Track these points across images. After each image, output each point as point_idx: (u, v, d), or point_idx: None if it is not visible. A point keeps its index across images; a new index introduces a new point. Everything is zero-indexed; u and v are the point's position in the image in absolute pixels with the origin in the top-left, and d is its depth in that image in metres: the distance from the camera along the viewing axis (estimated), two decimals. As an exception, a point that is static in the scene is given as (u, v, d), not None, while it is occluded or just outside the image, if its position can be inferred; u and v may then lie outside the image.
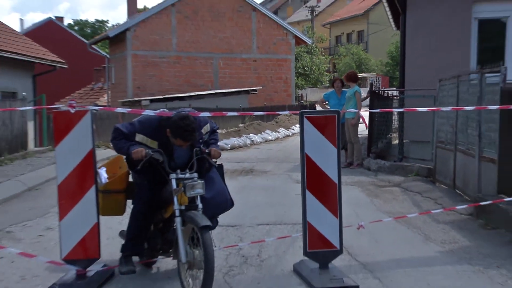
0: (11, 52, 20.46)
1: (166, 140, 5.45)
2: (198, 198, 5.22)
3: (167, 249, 5.73)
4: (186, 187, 5.12)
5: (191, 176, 5.29)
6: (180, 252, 5.08)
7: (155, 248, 5.76)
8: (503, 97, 8.16)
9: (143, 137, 5.51)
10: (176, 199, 5.23)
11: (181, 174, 5.30)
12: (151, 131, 5.52)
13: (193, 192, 5.14)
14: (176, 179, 5.28)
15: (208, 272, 4.75)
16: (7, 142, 14.45)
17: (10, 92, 21.21)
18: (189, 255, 5.08)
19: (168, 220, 5.63)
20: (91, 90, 42.97)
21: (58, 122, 5.55)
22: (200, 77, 33.15)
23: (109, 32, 36.94)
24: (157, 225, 5.79)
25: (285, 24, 36.19)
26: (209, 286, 4.76)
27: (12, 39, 22.47)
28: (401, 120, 14.03)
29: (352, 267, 6.11)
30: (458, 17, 13.17)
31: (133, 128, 5.58)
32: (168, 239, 5.62)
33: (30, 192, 11.05)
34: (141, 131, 5.54)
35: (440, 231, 7.69)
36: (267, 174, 13.00)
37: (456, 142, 10.06)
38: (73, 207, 5.52)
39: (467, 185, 9.49)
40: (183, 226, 5.15)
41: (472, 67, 12.49)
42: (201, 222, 4.91)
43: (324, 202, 5.73)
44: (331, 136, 5.75)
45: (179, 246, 5.09)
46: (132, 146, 5.43)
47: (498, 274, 5.93)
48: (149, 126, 5.55)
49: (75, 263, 5.56)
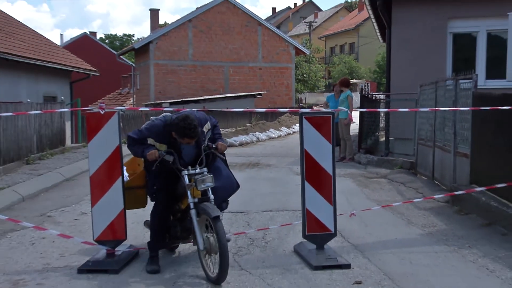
0: (52, 62, 20.61)
1: (173, 142, 5.36)
2: (209, 190, 5.15)
3: (186, 236, 5.63)
4: (197, 182, 5.06)
5: (201, 171, 5.21)
6: (198, 241, 5.02)
7: (175, 236, 5.66)
8: (474, 100, 8.15)
9: (152, 141, 5.41)
10: (189, 193, 5.15)
11: (191, 170, 5.21)
12: (159, 136, 5.40)
13: (203, 186, 5.08)
14: (188, 175, 5.20)
15: (223, 255, 4.71)
16: (48, 139, 14.48)
17: (51, 97, 21.31)
18: (205, 243, 5.01)
19: (185, 211, 5.52)
20: (119, 95, 43.04)
21: (90, 122, 5.56)
22: (213, 83, 33.15)
23: (134, 44, 36.98)
24: (175, 216, 5.69)
25: (286, 37, 36.13)
26: (225, 266, 4.73)
27: (53, 51, 22.58)
28: (387, 120, 14.01)
29: (345, 248, 6.09)
30: (436, 32, 13.23)
31: (142, 134, 5.45)
32: (187, 227, 5.52)
33: (67, 182, 11.07)
34: (149, 136, 5.42)
35: (421, 216, 7.67)
36: (271, 167, 12.98)
37: (435, 139, 10.02)
38: (103, 195, 5.53)
39: (444, 176, 9.47)
40: (198, 217, 5.09)
41: (448, 75, 12.45)
42: (213, 213, 4.85)
43: (320, 191, 5.71)
44: (327, 134, 5.73)
45: (196, 236, 5.04)
46: (147, 149, 5.33)
47: (470, 253, 5.91)
48: (156, 132, 5.42)
49: (105, 243, 5.57)
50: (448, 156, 9.13)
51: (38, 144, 13.71)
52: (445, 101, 9.47)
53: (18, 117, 12.31)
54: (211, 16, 32.95)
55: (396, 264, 5.56)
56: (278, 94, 34.60)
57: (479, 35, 13.32)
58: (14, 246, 6.31)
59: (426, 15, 13.36)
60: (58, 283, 5.01)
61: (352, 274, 5.23)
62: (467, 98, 8.44)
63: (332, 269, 5.32)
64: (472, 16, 13.22)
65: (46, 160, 13.36)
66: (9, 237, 6.66)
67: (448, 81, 9.52)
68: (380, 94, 17.69)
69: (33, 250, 6.13)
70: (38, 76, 20.45)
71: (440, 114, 9.71)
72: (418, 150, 11.38)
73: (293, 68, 35.65)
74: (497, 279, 5.11)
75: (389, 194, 9.45)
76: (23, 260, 5.76)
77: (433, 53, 13.22)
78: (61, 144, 15.60)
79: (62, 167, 12.23)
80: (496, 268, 5.42)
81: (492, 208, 7.04)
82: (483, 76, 12.86)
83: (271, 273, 5.25)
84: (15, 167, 11.75)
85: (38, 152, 13.56)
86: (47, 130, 14.52)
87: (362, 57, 64.48)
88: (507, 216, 6.66)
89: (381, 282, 5.00)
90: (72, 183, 11.01)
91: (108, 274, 5.23)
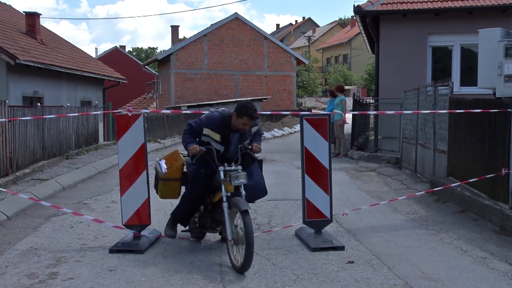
0: (88, 72, 20.79)
1: (227, 134, 5.19)
2: (242, 186, 4.96)
3: (214, 227, 5.47)
4: (231, 178, 4.87)
5: (236, 168, 5.00)
6: (227, 231, 4.85)
7: (204, 226, 5.51)
8: (450, 104, 8.12)
9: (208, 130, 5.20)
10: (223, 187, 4.97)
11: (227, 166, 5.03)
12: (215, 126, 5.20)
13: (237, 182, 4.88)
14: (223, 171, 5.02)
15: (249, 245, 4.52)
16: (84, 138, 14.53)
17: (87, 101, 21.45)
18: (233, 233, 4.84)
19: (216, 204, 5.32)
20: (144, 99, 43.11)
21: (119, 122, 5.56)
22: (225, 88, 33.13)
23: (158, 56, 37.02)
24: (206, 208, 5.50)
25: (288, 49, 36.09)
26: (250, 257, 4.55)
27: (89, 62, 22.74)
28: (376, 121, 13.96)
29: (339, 232, 6.07)
30: (417, 45, 13.29)
31: (201, 123, 5.27)
32: (216, 218, 5.33)
33: (100, 174, 11.11)
34: (206, 125, 5.23)
35: (405, 204, 7.64)
36: (275, 162, 12.96)
37: (417, 138, 9.98)
38: (130, 186, 5.54)
39: (425, 170, 9.43)
40: (229, 210, 4.91)
41: (428, 82, 12.39)
42: (243, 207, 4.67)
43: (318, 183, 5.70)
44: (324, 133, 5.71)
45: (226, 226, 4.86)
46: (190, 144, 5.18)
47: (447, 236, 5.89)
48: (213, 122, 5.22)
49: (132, 227, 5.58)
50: (428, 153, 9.09)
51: (76, 142, 13.76)
52: (425, 104, 9.43)
53: (59, 118, 12.37)
54: (223, 32, 32.94)
55: (384, 246, 5.54)
56: (281, 99, 34.53)
57: (454, 48, 13.41)
58: (57, 228, 6.34)
59: (409, 31, 13.38)
60: (93, 261, 5.04)
61: (345, 254, 5.22)
62: (445, 102, 8.41)
63: (328, 250, 5.31)
64: (448, 32, 13.30)
65: (82, 155, 13.42)
66: (52, 221, 6.70)
67: (428, 87, 9.48)
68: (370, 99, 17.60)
69: (72, 232, 6.16)
70: (76, 83, 20.58)
71: (422, 116, 9.67)
72: (402, 147, 11.34)
73: (294, 76, 35.57)
74: (470, 258, 5.11)
75: (378, 185, 9.42)
76: (64, 240, 5.80)
77: (415, 63, 13.23)
78: (95, 141, 15.65)
79: (96, 161, 12.27)
80: (469, 248, 5.41)
81: (466, 197, 7.02)
82: (458, 83, 12.83)
83: (275, 254, 5.25)
84: (57, 161, 11.81)
85: (76, 149, 13.61)
86: (84, 129, 14.57)
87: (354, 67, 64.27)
88: (478, 204, 6.64)
89: (371, 262, 5.00)
90: (104, 175, 11.04)
91: (134, 254, 5.25)
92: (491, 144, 6.65)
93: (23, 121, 9.92)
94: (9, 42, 16.54)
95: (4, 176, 8.94)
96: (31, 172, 9.97)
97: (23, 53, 16.33)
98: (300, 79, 48.53)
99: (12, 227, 6.40)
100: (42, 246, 5.58)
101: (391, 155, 12.26)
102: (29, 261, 5.04)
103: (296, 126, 25.33)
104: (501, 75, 6.46)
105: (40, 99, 17.57)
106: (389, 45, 13.53)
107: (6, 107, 9.00)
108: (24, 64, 15.72)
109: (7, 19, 19.98)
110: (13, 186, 8.76)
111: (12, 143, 9.41)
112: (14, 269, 4.81)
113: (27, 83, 16.98)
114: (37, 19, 20.37)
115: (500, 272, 4.70)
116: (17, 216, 6.95)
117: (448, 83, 8.39)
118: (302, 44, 73.33)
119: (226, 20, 33.33)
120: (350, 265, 4.90)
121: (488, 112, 6.65)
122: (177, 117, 22.52)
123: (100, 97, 23.24)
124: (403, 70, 13.21)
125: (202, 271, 4.74)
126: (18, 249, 5.45)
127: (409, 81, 12.26)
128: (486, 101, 6.88)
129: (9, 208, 7.04)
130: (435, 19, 13.33)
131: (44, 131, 11.36)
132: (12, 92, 16.08)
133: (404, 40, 13.33)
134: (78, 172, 10.70)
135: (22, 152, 9.94)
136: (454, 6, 13.15)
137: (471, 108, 7.06)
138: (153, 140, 17.91)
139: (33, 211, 7.26)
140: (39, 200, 6.95)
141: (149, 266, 4.89)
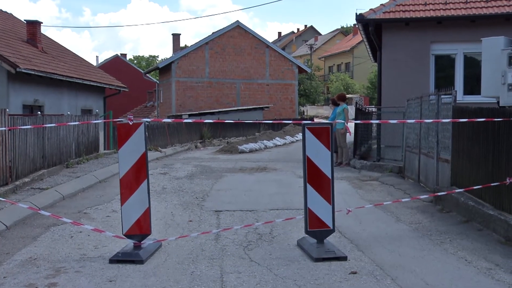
0: (89, 80, 20.89)
1: None
2: None
3: None
4: None
5: None
6: None
7: None
8: (454, 113, 8.11)
9: None
10: None
11: None
12: None
13: None
14: None
15: None
16: (85, 146, 14.53)
17: (88, 109, 21.51)
18: None
19: None
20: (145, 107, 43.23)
21: (120, 131, 5.54)
22: (226, 97, 33.21)
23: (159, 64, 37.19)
24: None
25: (290, 58, 36.18)
26: None
27: (90, 71, 22.84)
28: (378, 130, 13.95)
29: (342, 242, 6.04)
30: (420, 54, 13.31)
31: None
32: None
33: (100, 183, 11.09)
34: None
35: (408, 214, 7.61)
36: (276, 171, 12.94)
37: (420, 147, 9.97)
38: (131, 195, 5.51)
39: (428, 179, 9.41)
40: None
41: (431, 90, 12.41)
42: None
43: (320, 192, 5.67)
44: (326, 142, 5.69)
45: None
46: None
47: (451, 246, 5.85)
48: None
49: (132, 237, 5.55)
50: (431, 162, 9.07)
51: (76, 150, 13.76)
52: (428, 113, 9.43)
53: (60, 127, 12.38)
54: (225, 40, 33.08)
55: (387, 256, 5.51)
56: (283, 107, 34.60)
57: (457, 57, 13.43)
58: (56, 238, 6.32)
59: (412, 39, 13.41)
60: (93, 271, 5.01)
61: (348, 265, 5.19)
62: (448, 111, 8.40)
63: (331, 261, 5.28)
64: (451, 41, 13.33)
65: (82, 164, 13.41)
66: (52, 231, 6.68)
67: (431, 96, 9.48)
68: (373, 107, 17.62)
69: (72, 242, 6.14)
70: (77, 92, 20.67)
71: (425, 125, 9.67)
72: (405, 156, 11.32)
73: (296, 85, 35.65)
74: (474, 269, 5.07)
75: (381, 195, 9.39)
76: (64, 250, 5.78)
77: (418, 72, 13.25)
78: (96, 150, 15.65)
79: (96, 170, 12.26)
80: (473, 259, 5.37)
81: (470, 207, 6.99)
82: (461, 92, 12.87)
83: (277, 264, 5.22)
84: (57, 170, 11.80)
85: (76, 158, 13.61)
86: (84, 138, 14.58)
87: (356, 75, 64.41)
88: (482, 214, 6.60)
89: (374, 272, 4.96)
90: (105, 184, 11.03)
91: (135, 264, 5.22)
92: (495, 153, 6.63)
93: (23, 130, 9.93)
94: (10, 50, 16.63)
95: (4, 185, 8.93)
96: (30, 181, 9.96)
97: (24, 61, 16.41)
98: (302, 87, 48.66)
99: (11, 237, 6.38)
100: (41, 256, 5.55)
101: (394, 164, 12.23)
102: (28, 271, 5.02)
103: (298, 135, 25.33)
104: (504, 83, 6.48)
105: (40, 108, 17.63)
106: (391, 54, 13.57)
107: (6, 116, 9.02)
108: (25, 72, 15.80)
109: (8, 27, 20.11)
110: (13, 195, 8.75)
111: (12, 152, 9.41)
112: (12, 280, 4.78)
113: (28, 92, 17.06)
114: (38, 27, 20.51)
115: (506, 284, 4.67)
116: (16, 226, 6.94)
117: (452, 92, 8.37)
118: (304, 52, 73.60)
119: (227, 28, 33.49)
120: (353, 276, 4.87)
121: (492, 121, 6.64)
122: (178, 125, 22.54)
123: (101, 105, 23.31)
124: (406, 78, 13.23)
125: (203, 282, 4.72)
126: (17, 260, 5.42)
127: (412, 89, 12.28)
128: (490, 110, 6.87)
129: (8, 218, 7.02)
130: (438, 28, 13.38)
131: (44, 139, 11.37)
132: (13, 100, 16.15)
133: (406, 49, 13.37)
134: (78, 181, 10.68)
135: (22, 161, 9.95)
136: (457, 14, 13.21)
137: (475, 116, 7.04)
138: (154, 149, 17.91)
139: (33, 220, 7.24)
140: (39, 209, 6.93)
141: (149, 277, 4.86)
